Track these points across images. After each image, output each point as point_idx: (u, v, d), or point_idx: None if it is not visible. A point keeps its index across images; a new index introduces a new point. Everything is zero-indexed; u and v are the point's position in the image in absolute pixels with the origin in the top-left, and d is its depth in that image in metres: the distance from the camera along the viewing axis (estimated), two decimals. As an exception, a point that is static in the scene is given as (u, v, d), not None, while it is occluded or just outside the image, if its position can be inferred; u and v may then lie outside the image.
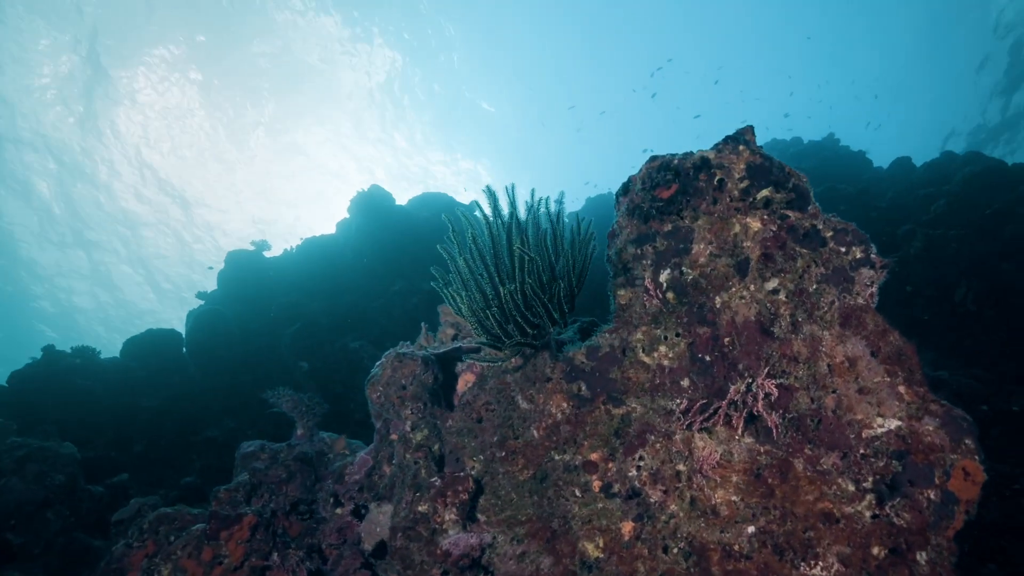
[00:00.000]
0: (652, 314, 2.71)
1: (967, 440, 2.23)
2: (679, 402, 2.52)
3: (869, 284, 2.50)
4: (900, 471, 2.12)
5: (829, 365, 2.33)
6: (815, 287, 2.45)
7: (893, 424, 2.23)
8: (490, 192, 2.54)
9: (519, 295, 2.48)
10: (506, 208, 2.65)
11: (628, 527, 2.39)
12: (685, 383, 2.56)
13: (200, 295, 14.42)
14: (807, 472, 2.23)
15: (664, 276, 2.70)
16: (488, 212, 2.57)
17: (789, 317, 2.43)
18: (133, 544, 3.69)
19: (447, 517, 2.65)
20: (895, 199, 12.59)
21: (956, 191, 11.21)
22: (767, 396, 2.32)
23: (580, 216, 2.81)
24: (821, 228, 2.51)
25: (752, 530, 2.22)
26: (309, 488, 3.91)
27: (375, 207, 14.38)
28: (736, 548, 2.21)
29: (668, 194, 2.63)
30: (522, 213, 2.68)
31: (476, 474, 2.88)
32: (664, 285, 2.70)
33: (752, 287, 2.51)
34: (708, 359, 2.53)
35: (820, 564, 2.11)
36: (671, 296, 2.67)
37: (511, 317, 2.49)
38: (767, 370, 2.37)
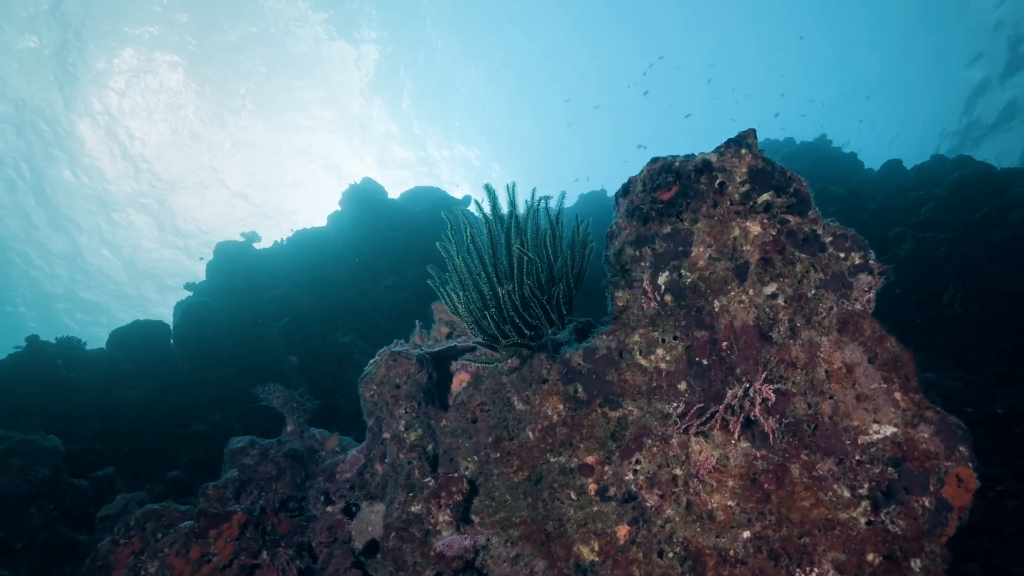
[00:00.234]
0: (650, 316, 2.69)
1: (961, 447, 2.25)
2: (676, 406, 2.51)
3: (867, 290, 2.50)
4: (896, 478, 2.13)
5: (827, 371, 2.33)
6: (814, 292, 2.45)
7: (889, 431, 2.24)
8: (490, 191, 2.50)
9: (517, 296, 2.45)
10: (505, 206, 2.61)
11: (623, 531, 2.38)
12: (682, 387, 2.55)
13: (188, 286, 14.24)
14: (803, 478, 2.23)
15: (663, 278, 2.69)
16: (487, 211, 2.53)
17: (788, 322, 2.42)
18: (120, 541, 3.64)
19: (441, 518, 2.63)
20: (886, 201, 12.70)
21: (946, 195, 11.33)
22: (764, 401, 2.32)
23: (577, 215, 2.78)
24: (821, 233, 2.51)
25: (748, 535, 2.22)
26: (299, 485, 3.87)
27: (367, 200, 14.26)
28: (732, 553, 2.21)
29: (668, 196, 2.61)
30: (520, 210, 2.64)
31: (470, 475, 2.86)
32: (662, 287, 2.68)
33: (751, 291, 2.50)
34: (706, 363, 2.52)
35: (816, 570, 2.12)
36: (669, 299, 2.66)
37: (509, 318, 2.47)
38: (765, 375, 2.37)
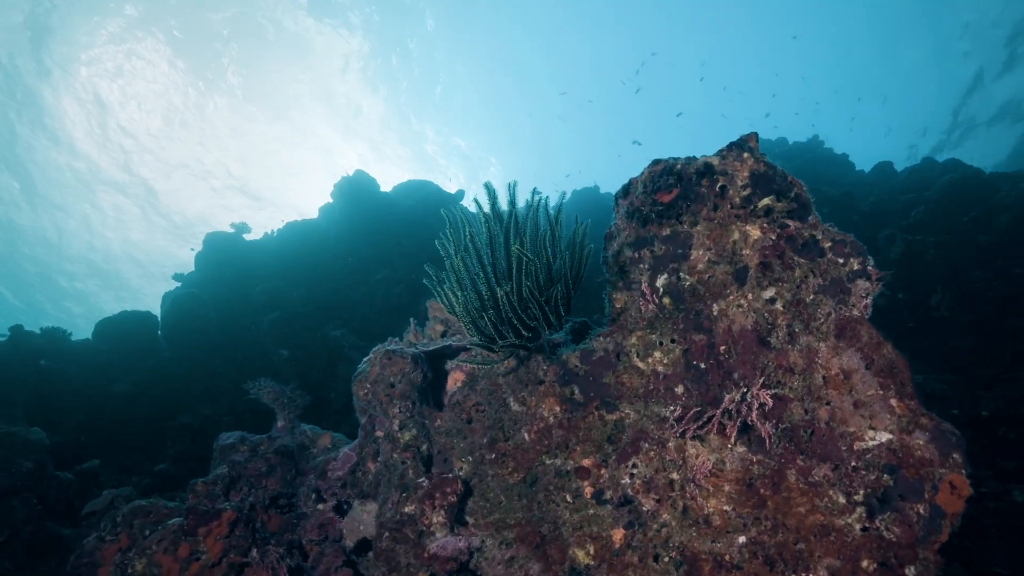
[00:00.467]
0: (648, 319, 2.68)
1: (955, 454, 2.26)
2: (673, 409, 2.50)
3: (864, 296, 2.50)
4: (892, 485, 2.13)
5: (824, 377, 2.33)
6: (812, 297, 2.45)
7: (884, 437, 2.24)
8: (490, 190, 2.47)
9: (515, 297, 2.42)
10: (503, 204, 2.58)
11: (619, 534, 2.38)
12: (679, 390, 2.54)
13: (177, 276, 14.08)
14: (799, 483, 2.23)
15: (661, 281, 2.67)
16: (487, 210, 2.50)
17: (786, 327, 2.42)
18: (106, 537, 3.58)
19: (435, 519, 2.61)
20: (877, 203, 12.80)
21: (935, 198, 11.44)
22: (761, 406, 2.32)
23: (577, 217, 2.75)
24: (820, 238, 2.50)
25: (743, 540, 2.22)
26: (289, 482, 3.83)
27: (359, 193, 14.13)
28: (727, 558, 2.21)
29: (669, 198, 2.59)
30: (518, 205, 2.61)
31: (464, 475, 2.84)
32: (661, 290, 2.67)
33: (750, 295, 2.49)
34: (703, 367, 2.52)
35: (810, 576, 2.12)
36: (667, 301, 2.65)
37: (507, 319, 2.44)
38: (762, 380, 2.36)
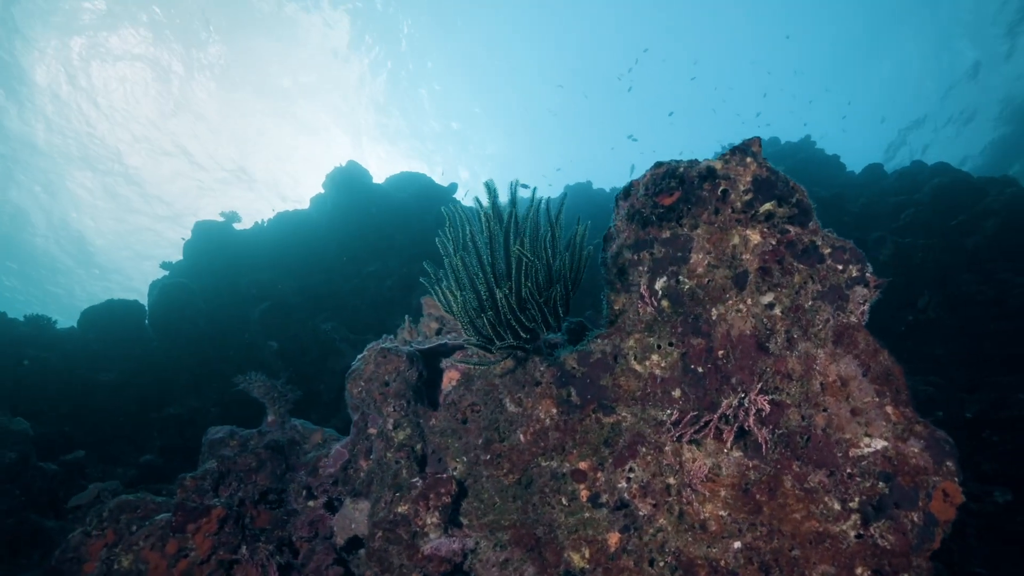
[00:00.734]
0: (646, 322, 2.67)
1: (948, 462, 2.28)
2: (670, 413, 2.50)
3: (862, 302, 2.51)
4: (887, 493, 2.15)
5: (822, 383, 2.33)
6: (811, 304, 2.45)
7: (880, 444, 2.26)
8: (490, 189, 2.44)
9: (514, 298, 2.40)
10: (501, 202, 2.55)
11: (615, 538, 2.37)
12: (676, 393, 2.54)
13: (164, 265, 13.91)
14: (795, 490, 2.24)
15: (660, 284, 2.66)
16: (488, 208, 2.47)
17: (784, 333, 2.42)
18: (92, 532, 3.53)
19: (429, 520, 2.59)
20: (867, 205, 12.90)
21: (925, 201, 11.55)
22: (759, 412, 2.32)
23: (579, 218, 2.73)
24: (820, 244, 2.50)
25: (739, 546, 2.23)
26: (279, 477, 3.80)
27: (351, 184, 14.00)
28: (723, 564, 2.22)
29: (670, 201, 2.58)
30: (514, 200, 2.58)
31: (459, 476, 2.82)
32: (660, 293, 2.66)
33: (749, 300, 2.49)
34: (701, 371, 2.52)
35: (804, 582, 2.13)
36: (666, 304, 2.64)
37: (505, 321, 2.42)
38: (760, 385, 2.36)
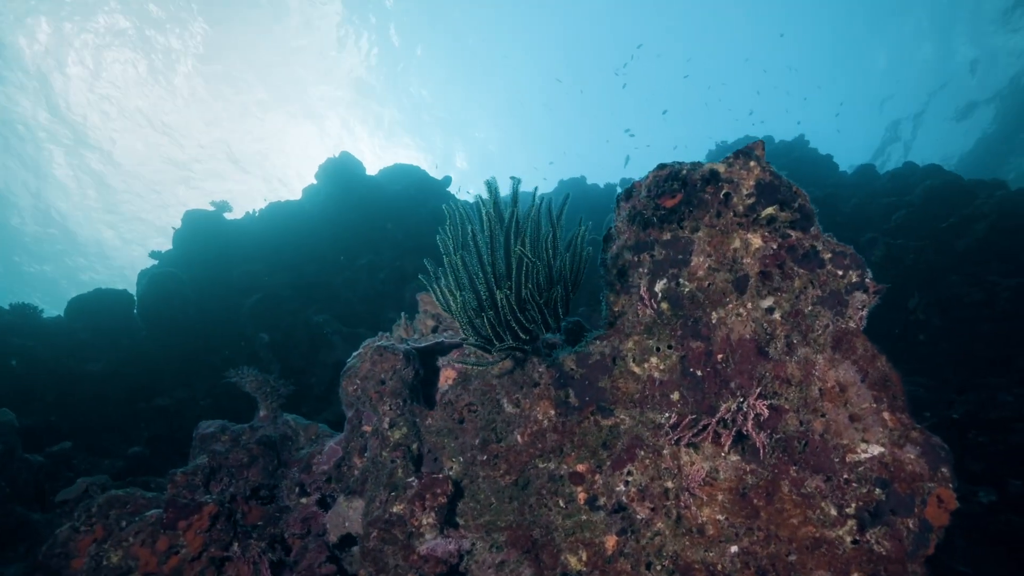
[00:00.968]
0: (645, 324, 2.66)
1: (943, 468, 2.29)
2: (668, 416, 2.49)
3: (861, 308, 2.51)
4: (884, 499, 2.16)
5: (821, 389, 2.34)
6: (810, 309, 2.45)
7: (876, 451, 2.26)
8: (491, 188, 2.41)
9: (515, 299, 2.38)
10: (500, 200, 2.52)
11: (612, 541, 2.37)
12: (675, 397, 2.53)
13: (154, 254, 13.74)
14: (792, 495, 2.25)
15: (660, 286, 2.65)
16: (489, 207, 2.44)
17: (784, 338, 2.42)
18: (80, 528, 3.48)
19: (424, 521, 2.57)
20: (859, 206, 12.99)
21: (916, 202, 11.64)
22: (757, 416, 2.32)
23: (581, 219, 2.71)
24: (821, 249, 2.50)
25: (736, 550, 2.23)
26: (271, 473, 3.76)
27: (344, 175, 13.87)
28: (720, 568, 2.22)
29: (672, 203, 2.56)
30: (512, 198, 2.55)
31: (455, 476, 2.80)
32: (659, 295, 2.65)
33: (749, 304, 2.48)
34: (700, 374, 2.51)
35: (800, 587, 2.14)
36: (666, 307, 2.63)
37: (505, 322, 2.40)
38: (759, 390, 2.36)
